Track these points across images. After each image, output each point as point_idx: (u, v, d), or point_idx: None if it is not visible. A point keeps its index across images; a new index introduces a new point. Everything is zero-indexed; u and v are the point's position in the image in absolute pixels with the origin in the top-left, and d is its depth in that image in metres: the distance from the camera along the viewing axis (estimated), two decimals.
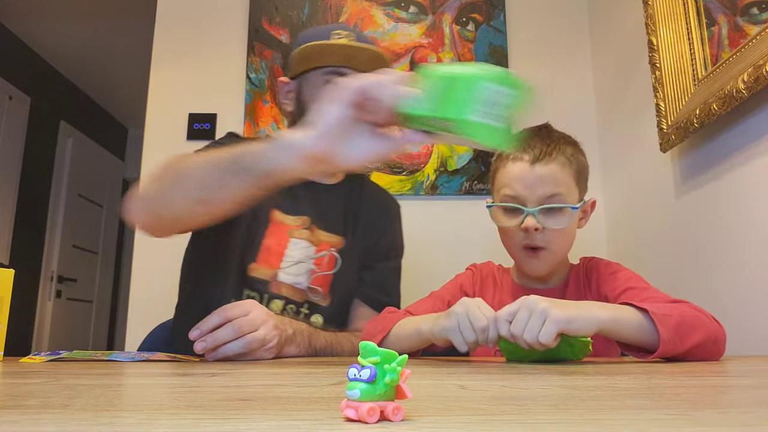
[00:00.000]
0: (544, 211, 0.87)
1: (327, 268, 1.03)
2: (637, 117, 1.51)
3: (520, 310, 0.66)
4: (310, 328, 0.89)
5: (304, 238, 1.01)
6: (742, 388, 0.43)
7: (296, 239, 1.01)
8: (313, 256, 1.01)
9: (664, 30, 1.29)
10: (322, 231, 1.03)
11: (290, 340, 0.83)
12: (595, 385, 0.43)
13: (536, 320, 0.64)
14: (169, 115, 1.80)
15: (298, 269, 1.00)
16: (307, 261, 1.01)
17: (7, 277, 0.73)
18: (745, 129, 1.06)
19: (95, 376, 0.51)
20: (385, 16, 1.83)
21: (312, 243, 1.02)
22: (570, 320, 0.65)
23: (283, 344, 0.81)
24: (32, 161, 3.46)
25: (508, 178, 0.90)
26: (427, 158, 1.75)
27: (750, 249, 1.05)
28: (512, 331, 0.66)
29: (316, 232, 1.03)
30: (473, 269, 1.03)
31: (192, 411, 0.30)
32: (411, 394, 0.29)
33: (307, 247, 1.01)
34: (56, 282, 3.62)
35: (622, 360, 0.82)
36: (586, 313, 0.67)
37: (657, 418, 0.28)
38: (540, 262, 0.91)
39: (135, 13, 2.97)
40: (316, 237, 1.02)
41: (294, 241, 1.01)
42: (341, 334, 0.95)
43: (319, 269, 1.02)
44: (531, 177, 0.88)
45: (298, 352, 0.84)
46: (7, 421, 0.27)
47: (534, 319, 0.64)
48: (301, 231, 1.02)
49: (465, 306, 0.71)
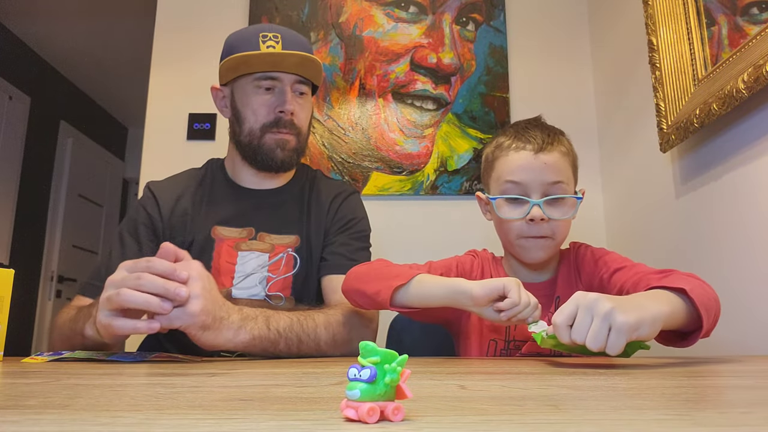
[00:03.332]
0: (549, 201, 0.88)
1: (285, 270, 1.01)
2: (637, 117, 1.51)
3: (579, 313, 0.60)
4: (267, 311, 0.82)
5: (252, 249, 1.01)
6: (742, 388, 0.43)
7: (244, 252, 1.00)
8: (266, 263, 1.00)
9: (664, 30, 1.29)
10: (273, 235, 1.02)
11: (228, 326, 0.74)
12: (595, 385, 0.43)
13: (601, 326, 0.58)
14: (169, 115, 1.80)
15: (250, 281, 0.99)
16: (260, 271, 0.99)
17: (7, 277, 0.73)
18: (745, 129, 1.06)
19: (95, 376, 0.51)
20: (385, 16, 1.83)
21: (263, 251, 1.01)
22: (637, 326, 0.59)
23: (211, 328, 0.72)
24: (32, 161, 3.45)
25: (512, 166, 0.90)
26: (427, 158, 1.75)
27: (750, 249, 1.05)
28: (574, 339, 0.59)
29: (267, 238, 1.02)
30: (474, 255, 1.03)
31: (192, 411, 0.30)
32: (411, 394, 0.29)
33: (258, 256, 1.00)
34: (56, 282, 3.62)
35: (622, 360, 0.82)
36: (650, 313, 0.61)
37: (657, 418, 0.28)
38: (541, 251, 0.91)
39: (135, 13, 2.97)
40: (267, 243, 1.02)
41: (242, 254, 1.00)
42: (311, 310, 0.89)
43: (276, 274, 1.00)
44: (536, 165, 0.88)
45: (252, 339, 0.77)
46: (7, 421, 0.27)
47: (598, 325, 0.58)
48: (248, 242, 1.01)
49: (517, 282, 0.74)
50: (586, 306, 0.59)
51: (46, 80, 3.67)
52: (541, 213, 0.87)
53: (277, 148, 1.02)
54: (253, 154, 1.04)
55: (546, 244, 0.90)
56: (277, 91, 1.02)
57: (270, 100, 1.01)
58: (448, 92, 1.78)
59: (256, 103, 1.01)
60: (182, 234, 1.02)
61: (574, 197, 0.90)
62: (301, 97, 1.05)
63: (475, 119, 1.77)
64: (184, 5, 1.88)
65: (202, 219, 1.03)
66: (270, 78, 1.01)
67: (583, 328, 0.59)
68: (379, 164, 1.74)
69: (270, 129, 1.02)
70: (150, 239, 1.02)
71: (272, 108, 1.01)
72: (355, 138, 1.76)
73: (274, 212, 1.05)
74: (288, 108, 1.01)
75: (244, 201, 1.05)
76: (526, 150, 0.90)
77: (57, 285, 3.63)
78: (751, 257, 1.04)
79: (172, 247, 0.74)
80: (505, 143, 0.93)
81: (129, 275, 0.68)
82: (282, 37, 1.01)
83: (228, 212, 1.04)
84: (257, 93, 1.02)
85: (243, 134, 1.03)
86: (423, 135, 1.76)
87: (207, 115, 1.78)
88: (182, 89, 1.81)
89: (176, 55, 1.84)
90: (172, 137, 1.78)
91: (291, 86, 1.02)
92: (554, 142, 0.91)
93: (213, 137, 1.77)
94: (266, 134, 1.02)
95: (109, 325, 0.68)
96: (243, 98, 1.03)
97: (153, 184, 1.09)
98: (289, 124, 1.02)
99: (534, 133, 0.91)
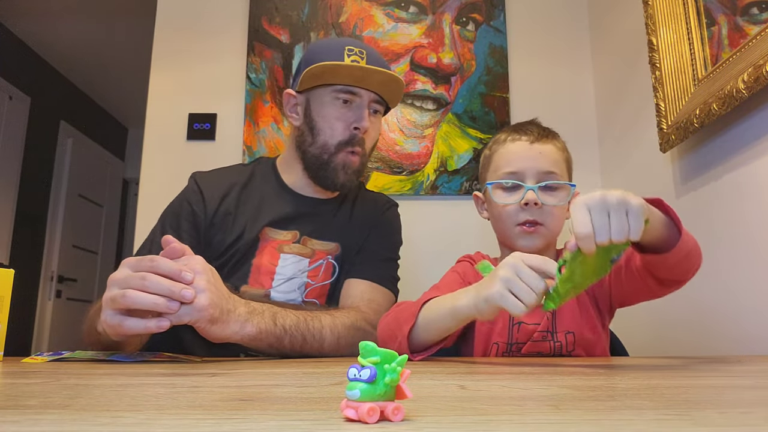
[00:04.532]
0: (543, 188, 0.91)
1: (324, 278, 1.01)
2: (637, 117, 1.51)
3: (594, 215, 0.58)
4: (274, 307, 0.83)
5: (294, 253, 1.00)
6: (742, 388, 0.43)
7: (286, 254, 1.00)
8: (306, 269, 1.00)
9: (664, 30, 1.29)
10: (315, 240, 1.02)
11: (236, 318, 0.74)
12: (595, 385, 0.43)
13: (620, 216, 0.58)
14: (169, 115, 1.80)
15: (290, 285, 0.99)
16: (299, 276, 0.99)
17: (7, 277, 0.73)
18: (745, 129, 1.06)
19: (95, 376, 0.51)
20: (385, 16, 1.83)
21: (304, 255, 1.01)
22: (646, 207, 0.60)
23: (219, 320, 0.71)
24: (32, 161, 3.46)
25: (509, 155, 0.94)
26: (427, 158, 1.75)
27: (750, 249, 1.05)
28: (601, 241, 0.58)
29: (309, 243, 1.02)
30: (470, 261, 1.03)
31: (192, 411, 0.30)
32: (411, 394, 0.29)
33: (299, 261, 1.00)
34: (56, 282, 3.62)
35: (623, 360, 0.82)
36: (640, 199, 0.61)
37: (657, 418, 0.28)
38: (536, 238, 0.92)
39: (135, 13, 2.97)
40: (309, 248, 1.02)
41: (284, 256, 1.00)
42: (319, 310, 0.90)
43: (315, 281, 1.00)
44: (532, 152, 0.92)
45: (258, 333, 0.77)
46: (7, 421, 0.27)
47: (617, 216, 0.58)
48: (291, 246, 1.01)
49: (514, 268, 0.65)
50: (598, 205, 0.59)
51: (46, 80, 3.67)
52: (535, 197, 0.89)
53: (342, 170, 1.01)
54: (318, 170, 1.02)
55: (540, 231, 0.92)
56: (354, 107, 1.01)
57: (347, 114, 1.00)
58: (448, 92, 1.78)
59: (333, 116, 1.00)
60: (222, 232, 1.01)
61: (568, 184, 0.93)
62: (374, 116, 1.04)
63: (475, 119, 1.77)
64: (184, 5, 1.88)
65: (250, 219, 1.02)
66: (350, 92, 1.00)
67: (604, 227, 0.58)
68: (379, 164, 1.74)
69: (344, 147, 1.00)
70: (191, 234, 1.01)
71: (348, 123, 1.00)
72: None
73: (319, 218, 1.05)
74: (364, 125, 1.00)
75: (294, 205, 1.04)
76: (522, 140, 0.94)
77: (57, 285, 3.63)
78: (751, 257, 1.04)
79: (178, 245, 0.73)
80: (502, 137, 0.98)
81: (133, 275, 0.67)
82: (367, 54, 1.01)
83: (278, 214, 1.03)
84: (334, 105, 1.00)
85: (315, 146, 1.02)
86: (423, 135, 1.76)
87: (207, 115, 1.78)
88: (182, 89, 1.82)
89: (176, 55, 1.84)
90: (172, 137, 1.78)
91: (369, 104, 1.01)
92: (549, 136, 0.95)
93: (213, 137, 1.77)
94: (340, 152, 1.00)
95: (118, 325, 0.67)
96: (319, 108, 1.01)
97: (200, 177, 1.07)
98: (361, 143, 1.01)
99: (530, 128, 0.96)
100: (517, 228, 0.92)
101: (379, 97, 1.03)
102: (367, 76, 0.99)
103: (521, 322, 0.92)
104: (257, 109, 1.77)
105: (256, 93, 1.78)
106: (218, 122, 1.78)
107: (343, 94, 1.00)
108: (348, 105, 1.01)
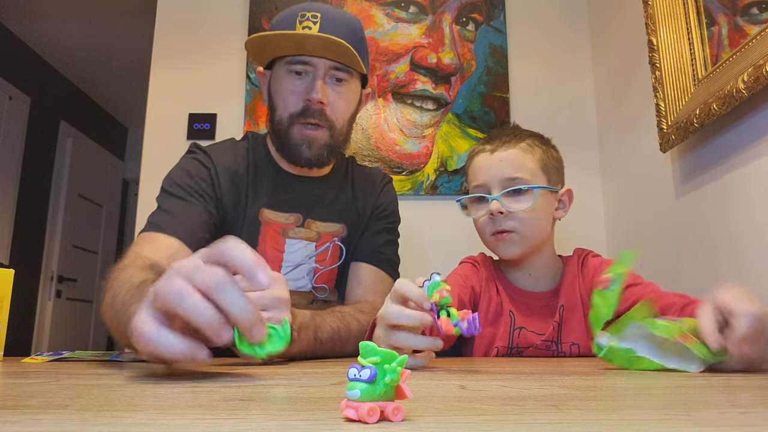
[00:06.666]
0: (508, 194, 0.91)
1: (332, 261, 0.98)
2: (637, 117, 1.51)
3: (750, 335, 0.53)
4: (315, 319, 0.76)
5: (300, 238, 0.96)
6: (742, 388, 0.43)
7: (292, 239, 0.96)
8: (313, 253, 0.97)
9: (664, 30, 1.29)
10: (320, 223, 0.98)
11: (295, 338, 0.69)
12: (595, 385, 0.43)
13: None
14: (169, 115, 1.80)
15: (298, 272, 0.96)
16: (307, 261, 0.96)
17: (7, 277, 0.73)
18: (745, 129, 1.06)
19: (95, 376, 0.51)
20: (385, 16, 1.83)
21: (310, 240, 0.97)
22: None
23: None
24: (32, 161, 3.46)
25: (474, 169, 0.97)
26: (427, 158, 1.75)
27: (750, 249, 1.04)
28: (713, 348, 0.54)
29: (314, 226, 0.98)
30: (473, 263, 1.02)
31: (192, 411, 0.30)
32: (411, 394, 0.29)
33: (306, 245, 0.97)
34: (56, 282, 3.62)
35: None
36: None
37: (657, 418, 0.28)
38: (508, 245, 0.93)
39: (135, 13, 2.97)
40: (314, 231, 0.97)
41: (290, 242, 0.95)
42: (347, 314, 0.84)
43: (323, 265, 0.97)
44: (492, 162, 0.94)
45: (300, 351, 0.71)
46: (7, 421, 0.27)
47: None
48: (295, 230, 0.96)
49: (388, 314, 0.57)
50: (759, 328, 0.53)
51: (46, 80, 3.67)
52: (499, 206, 0.90)
53: (303, 145, 0.94)
54: (281, 147, 0.97)
55: (514, 239, 0.92)
56: (308, 78, 0.93)
57: (299, 86, 0.93)
58: (448, 92, 1.78)
59: (287, 90, 0.94)
60: (233, 216, 0.94)
61: (532, 187, 0.91)
62: (339, 84, 0.95)
63: (475, 119, 1.77)
64: (184, 5, 1.88)
65: (250, 200, 0.96)
66: (302, 62, 0.92)
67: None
68: (379, 164, 1.74)
69: (297, 119, 0.93)
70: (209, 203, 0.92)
71: (301, 95, 0.93)
72: (355, 138, 1.75)
73: (320, 199, 0.99)
74: (315, 96, 0.91)
75: (290, 185, 0.98)
76: (484, 151, 0.96)
77: (57, 285, 3.63)
78: (752, 257, 1.04)
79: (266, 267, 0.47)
80: (473, 150, 1.00)
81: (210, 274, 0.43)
82: (321, 17, 0.91)
83: (275, 195, 0.96)
84: (288, 78, 0.94)
85: (274, 122, 0.96)
86: (423, 135, 1.76)
87: (207, 115, 1.78)
88: (182, 89, 1.81)
89: (176, 55, 1.84)
90: (172, 137, 1.78)
91: (326, 73, 0.93)
92: (512, 141, 0.94)
93: (213, 137, 1.77)
94: (294, 125, 0.94)
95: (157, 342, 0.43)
96: (275, 83, 0.96)
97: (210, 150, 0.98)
98: (319, 115, 0.92)
99: (497, 135, 0.97)
100: (492, 238, 0.94)
101: (341, 64, 0.93)
102: (303, 41, 0.89)
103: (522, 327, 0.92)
104: (257, 108, 1.77)
105: (256, 93, 1.78)
106: (218, 122, 1.78)
107: (294, 65, 0.92)
108: (301, 77, 0.93)
